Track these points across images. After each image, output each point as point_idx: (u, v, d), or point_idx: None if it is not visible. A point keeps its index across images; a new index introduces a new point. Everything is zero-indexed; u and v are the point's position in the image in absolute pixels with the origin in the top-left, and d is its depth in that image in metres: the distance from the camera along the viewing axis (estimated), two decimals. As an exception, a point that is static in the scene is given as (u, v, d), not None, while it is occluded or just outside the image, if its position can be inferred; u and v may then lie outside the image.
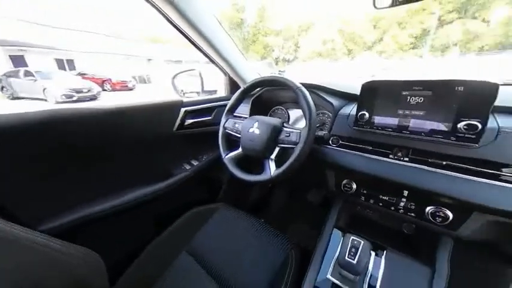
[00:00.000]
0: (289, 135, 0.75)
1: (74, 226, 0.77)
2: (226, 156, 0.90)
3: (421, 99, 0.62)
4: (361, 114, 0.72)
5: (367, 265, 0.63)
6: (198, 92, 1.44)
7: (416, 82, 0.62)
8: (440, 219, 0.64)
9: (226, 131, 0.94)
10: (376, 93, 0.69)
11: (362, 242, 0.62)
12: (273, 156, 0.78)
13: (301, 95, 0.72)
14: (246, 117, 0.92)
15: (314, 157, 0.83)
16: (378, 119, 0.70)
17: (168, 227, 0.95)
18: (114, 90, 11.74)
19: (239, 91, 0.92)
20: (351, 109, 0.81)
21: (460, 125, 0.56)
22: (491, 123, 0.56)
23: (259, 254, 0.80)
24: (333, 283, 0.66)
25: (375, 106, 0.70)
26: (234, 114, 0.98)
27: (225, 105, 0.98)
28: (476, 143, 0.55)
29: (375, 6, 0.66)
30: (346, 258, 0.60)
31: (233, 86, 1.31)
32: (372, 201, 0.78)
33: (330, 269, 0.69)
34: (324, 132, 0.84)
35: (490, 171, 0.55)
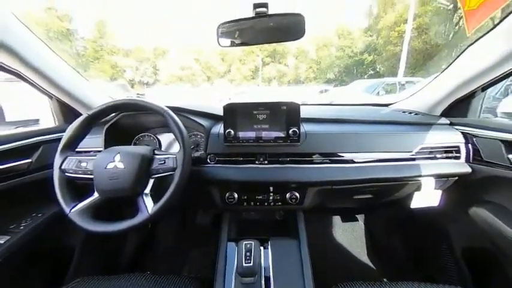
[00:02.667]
0: (164, 162, 0.68)
1: None
2: (74, 210, 0.64)
3: (265, 116, 0.83)
4: (228, 131, 0.83)
5: (260, 261, 0.71)
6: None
7: (260, 104, 0.83)
8: (294, 199, 0.88)
9: (67, 174, 0.67)
10: (236, 113, 0.84)
11: (253, 243, 0.69)
12: (147, 191, 0.67)
13: (170, 118, 0.70)
14: (99, 151, 0.72)
15: (196, 178, 0.82)
16: (241, 134, 0.84)
17: None
18: None
19: (81, 118, 0.71)
20: (219, 128, 0.90)
21: (290, 131, 0.82)
22: (302, 129, 0.87)
23: None
24: None
25: (237, 124, 0.84)
26: (77, 149, 0.73)
27: (58, 140, 0.71)
28: (299, 142, 0.83)
29: (219, 44, 0.81)
30: (244, 264, 0.64)
31: (68, 113, 0.98)
32: (252, 203, 0.90)
33: (233, 284, 0.70)
34: (200, 153, 0.86)
35: (308, 158, 0.85)
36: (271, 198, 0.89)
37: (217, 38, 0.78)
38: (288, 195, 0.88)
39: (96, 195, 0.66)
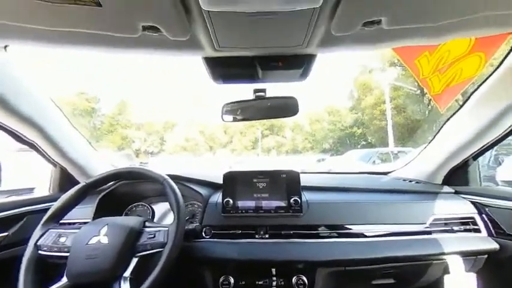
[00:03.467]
0: (154, 236, 0.61)
1: None
2: None
3: (265, 184, 0.82)
4: (226, 200, 0.80)
5: None
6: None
7: (259, 172, 0.84)
8: (301, 285, 0.73)
9: (41, 252, 0.59)
10: (235, 181, 0.83)
11: None
12: (127, 274, 0.57)
13: (168, 186, 0.68)
14: (85, 223, 0.66)
15: (186, 257, 0.71)
16: (241, 203, 0.80)
17: None
18: None
19: (77, 187, 0.69)
20: (218, 197, 0.87)
21: (291, 200, 0.79)
22: (304, 198, 0.84)
23: None
24: None
25: (237, 192, 0.82)
26: (61, 221, 0.68)
27: (46, 211, 0.67)
28: (301, 212, 0.78)
29: (223, 120, 0.90)
30: None
31: (67, 181, 0.97)
32: None
33: None
34: (195, 225, 0.79)
35: (313, 231, 0.77)
36: (274, 283, 0.75)
37: (221, 114, 0.88)
38: (294, 279, 0.74)
39: (64, 280, 0.56)
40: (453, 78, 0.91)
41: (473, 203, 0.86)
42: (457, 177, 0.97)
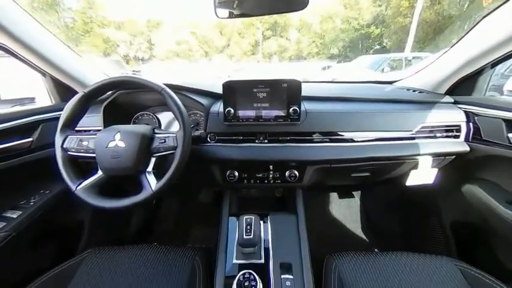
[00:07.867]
0: (164, 141, 0.69)
1: None
2: (80, 187, 0.66)
3: (265, 94, 0.82)
4: (227, 110, 0.82)
5: (260, 234, 0.76)
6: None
7: (259, 81, 0.81)
8: (293, 177, 0.90)
9: (70, 153, 0.68)
10: (235, 91, 0.82)
11: (253, 217, 0.73)
12: (149, 169, 0.68)
13: (168, 96, 0.68)
14: (98, 130, 0.72)
15: (196, 157, 0.83)
16: (241, 113, 0.83)
17: None
18: None
19: (77, 97, 0.69)
20: (219, 106, 0.89)
21: (290, 110, 0.81)
22: (303, 107, 0.86)
23: (158, 283, 0.69)
24: (240, 264, 0.73)
25: (237, 102, 0.82)
26: (77, 128, 0.73)
27: (56, 119, 0.70)
28: (299, 121, 0.83)
29: (217, 15, 0.75)
30: (245, 236, 0.69)
31: (64, 91, 0.95)
32: (252, 181, 0.93)
33: (235, 254, 0.75)
34: (201, 131, 0.86)
35: (308, 137, 0.86)
36: (271, 176, 0.92)
37: (214, 8, 0.72)
38: (287, 173, 0.90)
39: (100, 173, 0.68)
40: None
41: (466, 112, 0.89)
42: (464, 87, 0.94)
